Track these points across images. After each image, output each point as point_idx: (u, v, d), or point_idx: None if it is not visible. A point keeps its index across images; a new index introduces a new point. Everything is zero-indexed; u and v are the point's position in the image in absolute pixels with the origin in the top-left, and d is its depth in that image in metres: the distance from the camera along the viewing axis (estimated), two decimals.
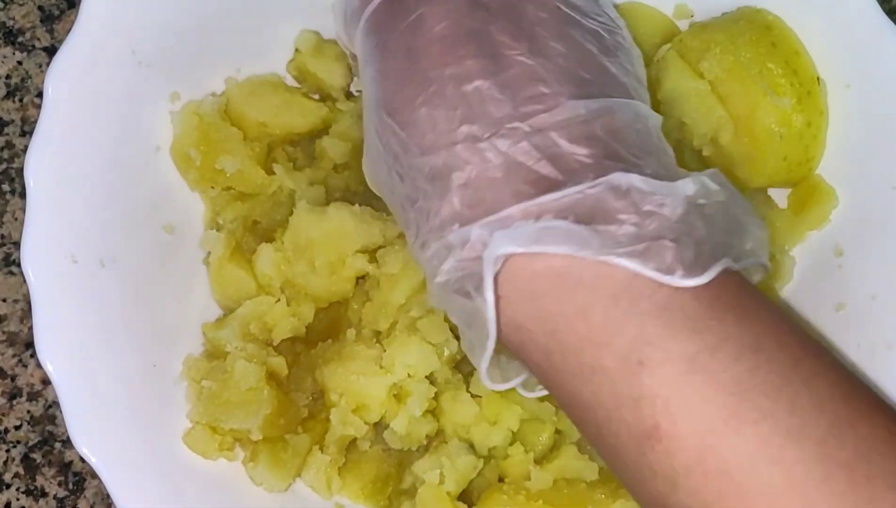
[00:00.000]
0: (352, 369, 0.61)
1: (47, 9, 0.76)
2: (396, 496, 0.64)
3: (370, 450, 0.64)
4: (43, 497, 0.71)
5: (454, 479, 0.60)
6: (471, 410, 0.62)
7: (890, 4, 0.72)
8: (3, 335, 0.72)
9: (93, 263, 0.59)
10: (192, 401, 0.61)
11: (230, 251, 0.63)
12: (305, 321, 0.63)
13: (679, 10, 0.65)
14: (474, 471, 0.62)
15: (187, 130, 0.63)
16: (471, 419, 0.62)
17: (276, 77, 0.67)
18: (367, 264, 0.62)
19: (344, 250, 0.62)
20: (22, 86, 0.75)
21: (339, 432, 0.62)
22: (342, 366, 0.61)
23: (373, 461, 0.64)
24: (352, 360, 0.61)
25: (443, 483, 0.60)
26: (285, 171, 0.65)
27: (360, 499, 0.63)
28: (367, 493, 0.63)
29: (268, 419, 0.60)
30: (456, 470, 0.61)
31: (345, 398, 0.61)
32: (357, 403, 0.61)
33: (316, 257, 0.62)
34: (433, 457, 0.62)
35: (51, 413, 0.72)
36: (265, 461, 0.61)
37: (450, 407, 0.62)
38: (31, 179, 0.57)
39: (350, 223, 0.61)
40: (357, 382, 0.61)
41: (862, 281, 0.59)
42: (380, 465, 0.64)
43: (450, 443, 0.62)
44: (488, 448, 0.62)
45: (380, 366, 0.61)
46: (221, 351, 0.62)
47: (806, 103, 0.59)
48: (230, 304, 0.65)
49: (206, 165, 0.64)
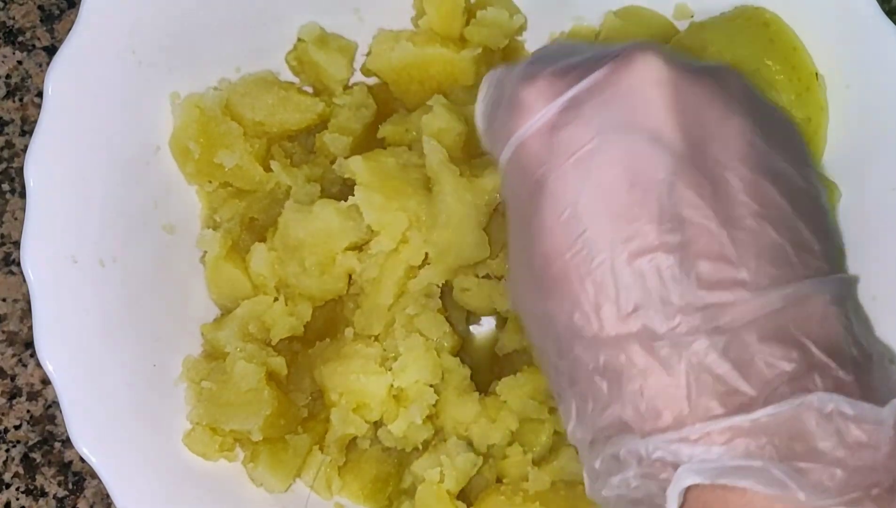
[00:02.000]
0: (351, 368, 0.61)
1: (47, 8, 0.76)
2: (396, 495, 0.64)
3: (370, 450, 0.64)
4: (42, 497, 0.71)
5: (454, 477, 0.60)
6: (472, 408, 0.62)
7: (890, 5, 0.72)
8: (2, 335, 0.72)
9: (93, 262, 0.59)
10: (192, 402, 0.61)
11: (226, 251, 0.63)
12: (303, 320, 0.63)
13: (679, 10, 0.65)
14: (474, 468, 0.62)
15: (188, 123, 0.63)
16: (471, 417, 0.62)
17: (269, 74, 0.67)
18: (357, 262, 0.62)
19: (332, 248, 0.62)
20: (22, 85, 0.75)
21: (339, 431, 0.62)
22: (341, 365, 0.61)
23: (372, 460, 0.64)
24: (351, 359, 0.61)
25: (442, 481, 0.60)
26: (282, 167, 0.65)
27: (359, 499, 0.63)
28: (367, 493, 0.63)
29: (268, 419, 0.60)
30: (455, 468, 0.61)
31: (345, 398, 0.61)
32: (357, 402, 0.61)
33: (305, 258, 0.62)
34: (432, 456, 0.62)
35: (50, 413, 0.71)
36: (265, 461, 0.61)
37: (451, 405, 0.62)
38: (31, 178, 0.57)
39: (335, 221, 0.61)
40: (357, 381, 0.61)
41: (862, 282, 0.59)
42: (380, 465, 0.64)
43: (448, 441, 0.62)
44: (487, 445, 0.62)
45: (379, 364, 0.61)
46: (221, 352, 0.62)
47: (805, 99, 0.59)
48: (227, 303, 0.65)
49: (205, 158, 0.64)
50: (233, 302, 0.64)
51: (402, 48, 0.65)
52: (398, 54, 0.65)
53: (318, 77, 0.67)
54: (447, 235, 0.60)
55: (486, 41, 0.65)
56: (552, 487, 0.61)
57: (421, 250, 0.61)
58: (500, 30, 0.66)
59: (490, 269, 0.63)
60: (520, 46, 0.69)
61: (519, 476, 0.62)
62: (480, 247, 0.61)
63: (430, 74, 0.66)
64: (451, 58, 0.65)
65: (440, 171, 0.60)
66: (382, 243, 0.61)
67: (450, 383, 0.62)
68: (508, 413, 0.62)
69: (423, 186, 0.61)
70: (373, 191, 0.60)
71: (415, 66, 0.65)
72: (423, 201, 0.61)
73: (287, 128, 0.66)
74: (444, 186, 0.59)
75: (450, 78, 0.66)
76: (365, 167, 0.60)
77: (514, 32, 0.67)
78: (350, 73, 0.67)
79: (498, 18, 0.65)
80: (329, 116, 0.66)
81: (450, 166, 0.60)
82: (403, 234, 0.60)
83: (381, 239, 0.61)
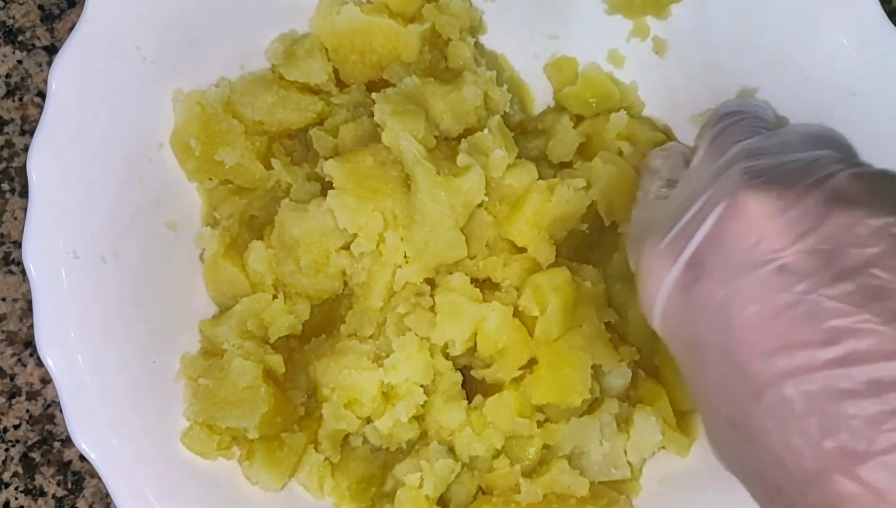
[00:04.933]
0: (344, 363, 0.61)
1: (47, 8, 0.76)
2: (378, 498, 0.64)
3: (360, 448, 0.64)
4: (42, 497, 0.70)
5: (432, 483, 0.60)
6: (458, 416, 0.61)
7: (890, 5, 0.73)
8: (2, 335, 0.72)
9: (94, 258, 0.59)
10: (189, 399, 0.61)
11: (224, 248, 0.63)
12: (302, 319, 0.63)
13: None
14: (452, 475, 0.61)
15: (189, 120, 0.63)
16: (456, 425, 0.62)
17: (269, 73, 0.67)
18: (349, 263, 0.62)
19: (326, 247, 0.62)
20: (22, 85, 0.75)
21: (331, 426, 0.61)
22: (334, 361, 0.61)
23: (361, 459, 0.64)
24: (344, 355, 0.61)
25: (421, 486, 0.60)
26: (283, 165, 0.64)
27: (345, 499, 0.63)
28: (353, 493, 0.63)
29: (264, 417, 0.60)
30: (434, 474, 0.60)
31: (337, 393, 0.61)
32: (349, 398, 0.61)
33: (301, 256, 0.62)
34: (414, 460, 0.62)
35: (50, 413, 0.71)
36: (261, 459, 0.61)
37: (438, 409, 0.62)
38: (34, 173, 0.57)
39: (331, 221, 0.61)
40: (349, 376, 0.60)
41: None
42: (367, 464, 0.64)
43: (430, 446, 0.62)
44: (470, 456, 0.62)
45: (372, 361, 0.61)
46: (218, 349, 0.62)
47: None
48: (225, 301, 0.65)
49: (206, 155, 0.64)
50: (231, 300, 0.64)
51: (347, 13, 0.64)
52: (343, 18, 0.64)
53: (307, 85, 0.66)
54: (423, 233, 0.59)
55: (438, 26, 0.65)
56: (545, 500, 0.61)
57: (399, 250, 0.60)
58: (457, 21, 0.65)
59: (467, 269, 0.62)
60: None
61: (508, 488, 0.62)
62: (457, 246, 0.60)
63: (373, 46, 0.65)
64: (397, 31, 0.64)
65: (415, 168, 0.59)
66: (361, 245, 0.60)
67: (440, 386, 0.62)
68: (494, 431, 0.61)
69: (403, 183, 0.60)
70: (346, 193, 0.59)
71: (358, 33, 0.64)
72: (400, 199, 0.60)
73: (287, 127, 0.66)
74: (419, 183, 0.59)
75: (393, 53, 0.65)
76: (339, 170, 0.60)
77: (469, 30, 0.67)
78: (328, 68, 0.66)
79: (458, 9, 0.65)
80: (328, 114, 0.66)
81: (424, 164, 0.58)
82: (380, 234, 0.60)
83: (359, 240, 0.60)
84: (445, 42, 0.66)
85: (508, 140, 0.61)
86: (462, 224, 0.60)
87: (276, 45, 0.66)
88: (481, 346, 0.61)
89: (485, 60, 0.68)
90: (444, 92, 0.62)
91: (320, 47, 0.65)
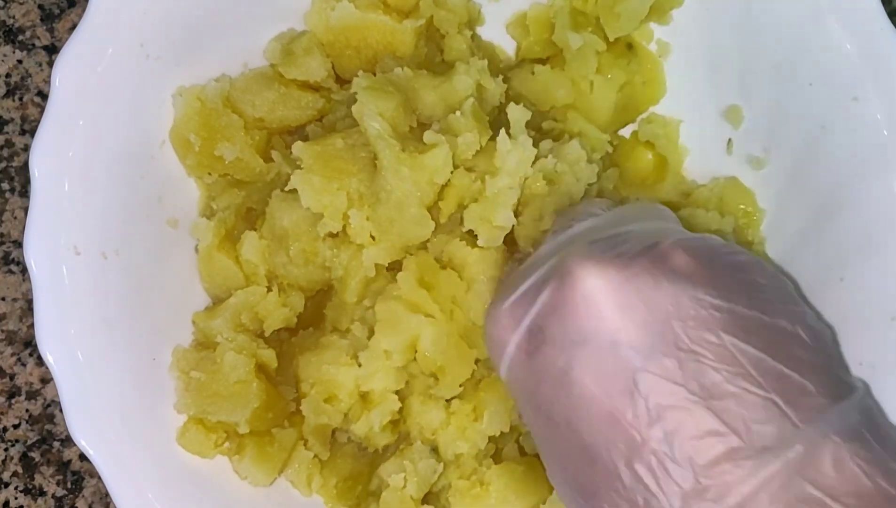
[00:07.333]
0: (324, 359, 0.61)
1: (47, 7, 0.76)
2: (364, 497, 0.64)
3: (348, 445, 0.64)
4: (41, 496, 0.70)
5: (416, 483, 0.60)
6: (437, 415, 0.61)
7: (891, 6, 0.73)
8: (2, 334, 0.72)
9: (95, 254, 0.59)
10: (180, 392, 0.61)
11: (219, 240, 0.63)
12: (297, 311, 0.63)
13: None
14: (434, 475, 0.61)
15: (189, 115, 0.63)
16: (437, 424, 0.61)
17: (269, 70, 0.67)
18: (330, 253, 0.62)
19: (314, 237, 0.61)
20: (22, 84, 0.75)
21: (312, 421, 0.61)
22: (315, 356, 0.61)
23: (349, 456, 0.64)
24: (325, 350, 0.61)
25: (406, 487, 0.60)
26: (283, 157, 0.64)
27: (332, 497, 0.63)
28: (340, 490, 0.63)
29: (256, 412, 0.59)
30: (417, 474, 0.60)
31: (315, 388, 0.61)
32: (328, 393, 0.61)
33: (290, 246, 0.61)
34: (397, 460, 0.61)
35: (49, 412, 0.71)
36: (251, 454, 0.61)
37: (416, 411, 0.61)
38: (36, 168, 0.57)
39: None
40: (328, 372, 0.60)
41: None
42: (354, 462, 0.64)
43: (413, 446, 0.62)
44: (454, 454, 0.62)
45: (350, 356, 0.60)
46: (212, 341, 0.62)
47: None
48: (219, 293, 0.64)
49: (205, 150, 0.63)
50: (225, 292, 0.64)
51: (342, 8, 0.64)
52: (338, 14, 0.64)
53: (307, 83, 0.66)
54: (388, 211, 0.58)
55: (436, 21, 0.65)
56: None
57: (364, 229, 0.59)
58: (455, 16, 0.65)
59: (435, 250, 0.61)
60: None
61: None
62: (422, 224, 0.59)
63: (368, 42, 0.65)
64: (392, 27, 0.64)
65: (379, 145, 0.58)
66: (327, 225, 0.59)
67: (415, 388, 0.62)
68: (476, 432, 0.61)
69: (371, 164, 0.59)
70: (312, 173, 0.58)
71: (353, 29, 0.64)
72: (366, 179, 0.59)
73: (287, 124, 0.66)
74: (383, 160, 0.57)
75: (388, 48, 0.64)
76: (308, 151, 0.59)
77: (467, 23, 0.67)
78: (328, 64, 0.66)
79: (456, 4, 0.65)
80: (328, 111, 0.66)
81: (389, 141, 0.57)
82: (344, 214, 0.59)
83: (325, 220, 0.59)
84: (442, 36, 0.66)
85: (483, 123, 0.60)
86: (428, 203, 0.59)
87: (273, 44, 0.66)
88: (420, 361, 0.60)
89: (480, 53, 0.67)
90: (435, 84, 0.62)
91: (318, 44, 0.65)
